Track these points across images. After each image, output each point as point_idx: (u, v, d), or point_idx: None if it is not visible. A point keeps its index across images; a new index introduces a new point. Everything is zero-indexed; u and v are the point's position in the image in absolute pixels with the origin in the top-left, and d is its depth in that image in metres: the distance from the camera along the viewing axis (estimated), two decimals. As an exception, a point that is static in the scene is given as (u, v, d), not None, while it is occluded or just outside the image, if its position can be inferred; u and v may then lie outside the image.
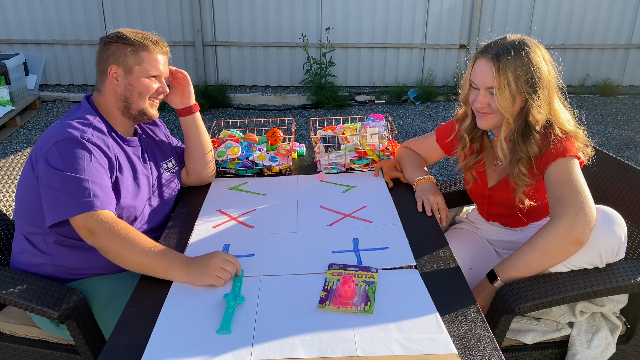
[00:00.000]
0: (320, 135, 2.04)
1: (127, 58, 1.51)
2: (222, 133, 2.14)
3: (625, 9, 5.88)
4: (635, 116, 5.25)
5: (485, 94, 1.45)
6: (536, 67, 1.40)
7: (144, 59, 1.52)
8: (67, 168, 1.36)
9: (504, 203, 1.62)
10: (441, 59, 6.05)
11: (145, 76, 1.53)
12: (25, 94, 5.20)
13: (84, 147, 1.39)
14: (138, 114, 1.56)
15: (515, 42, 1.42)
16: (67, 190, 1.34)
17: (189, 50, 5.84)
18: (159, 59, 1.56)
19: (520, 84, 1.39)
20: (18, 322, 1.55)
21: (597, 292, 1.34)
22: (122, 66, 1.52)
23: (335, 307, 1.18)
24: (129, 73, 1.52)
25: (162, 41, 1.59)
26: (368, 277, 1.27)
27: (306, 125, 4.86)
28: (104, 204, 1.36)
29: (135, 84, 1.53)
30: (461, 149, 1.66)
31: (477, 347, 1.07)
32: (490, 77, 1.41)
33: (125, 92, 1.53)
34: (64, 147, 1.38)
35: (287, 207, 1.69)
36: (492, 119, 1.48)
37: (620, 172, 1.73)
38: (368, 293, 1.22)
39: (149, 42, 1.53)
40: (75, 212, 1.33)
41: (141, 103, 1.55)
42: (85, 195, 1.34)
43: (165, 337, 1.11)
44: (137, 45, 1.51)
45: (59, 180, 1.35)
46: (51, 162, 1.37)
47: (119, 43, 1.51)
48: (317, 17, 5.80)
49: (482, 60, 1.43)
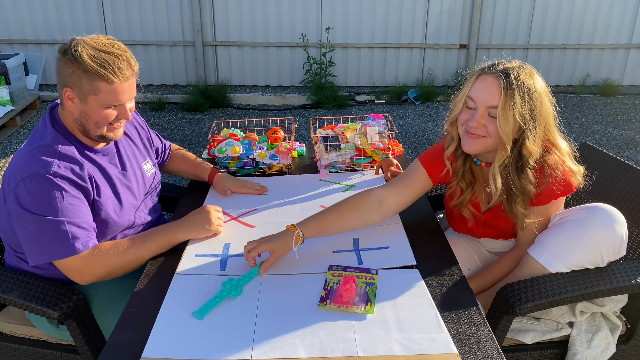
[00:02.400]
0: (320, 134, 2.04)
1: (82, 85, 1.31)
2: (223, 132, 2.14)
3: (625, 9, 5.88)
4: (635, 116, 5.25)
5: (483, 115, 1.33)
6: (539, 97, 1.32)
7: (101, 90, 1.32)
8: (40, 210, 1.29)
9: (500, 226, 1.57)
10: (441, 59, 6.04)
11: (103, 107, 1.35)
12: (25, 94, 5.20)
13: (52, 183, 1.30)
14: (98, 138, 1.43)
15: (523, 67, 1.34)
16: (44, 235, 1.30)
17: (189, 50, 5.84)
18: (121, 89, 1.35)
19: (525, 110, 1.30)
20: (18, 322, 1.54)
21: (597, 293, 1.34)
22: (76, 92, 1.33)
23: (336, 306, 1.18)
24: (84, 101, 1.34)
25: (129, 62, 1.35)
26: (368, 279, 1.27)
27: (306, 125, 4.86)
28: (86, 243, 1.34)
29: (91, 114, 1.36)
30: (457, 183, 1.51)
31: (477, 346, 1.06)
32: (496, 95, 1.30)
33: (80, 118, 1.37)
34: (31, 186, 1.29)
35: (287, 207, 1.69)
36: (482, 142, 1.36)
37: (620, 172, 1.73)
38: (369, 294, 1.22)
39: (109, 71, 1.30)
40: (58, 257, 1.32)
41: (99, 131, 1.40)
42: (64, 239, 1.30)
43: (165, 337, 1.11)
44: (94, 75, 1.29)
45: (33, 223, 1.30)
46: (22, 203, 1.30)
47: (74, 66, 1.30)
48: (317, 17, 5.80)
49: (488, 77, 1.33)
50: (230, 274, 1.33)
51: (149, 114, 5.16)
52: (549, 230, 1.43)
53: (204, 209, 1.51)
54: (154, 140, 1.79)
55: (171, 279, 1.31)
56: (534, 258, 1.41)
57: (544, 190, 1.38)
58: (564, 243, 1.37)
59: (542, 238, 1.43)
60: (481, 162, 1.48)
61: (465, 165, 1.49)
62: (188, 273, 1.34)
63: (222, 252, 1.43)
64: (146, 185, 1.63)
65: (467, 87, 1.38)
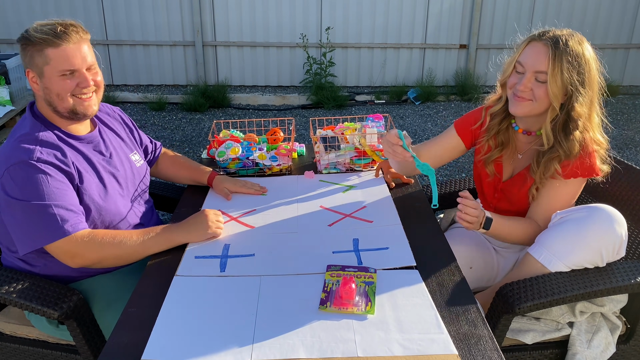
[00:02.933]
0: (320, 135, 2.04)
1: (34, 59, 1.36)
2: (222, 133, 2.14)
3: (625, 9, 5.88)
4: (635, 116, 5.25)
5: (530, 79, 1.42)
6: (587, 64, 1.41)
7: (51, 57, 1.34)
8: (26, 196, 1.30)
9: (513, 198, 1.61)
10: (441, 59, 6.04)
11: (58, 74, 1.37)
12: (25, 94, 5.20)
13: (36, 169, 1.32)
14: (69, 114, 1.42)
15: (573, 35, 1.43)
16: (33, 220, 1.31)
17: (189, 50, 5.84)
18: (70, 51, 1.36)
19: (572, 75, 1.38)
20: (18, 322, 1.54)
21: (597, 292, 1.34)
22: (35, 69, 1.37)
23: (337, 308, 1.18)
24: (42, 76, 1.37)
25: (72, 28, 1.37)
26: (367, 278, 1.27)
27: (306, 125, 4.86)
28: (75, 225, 1.34)
29: (51, 86, 1.37)
30: (486, 140, 1.62)
31: (477, 347, 1.07)
32: (544, 61, 1.39)
33: (45, 96, 1.40)
34: (16, 173, 1.31)
35: (287, 207, 1.69)
36: (528, 105, 1.45)
37: (620, 172, 1.73)
38: (368, 293, 1.22)
39: (51, 35, 1.33)
40: (48, 241, 1.32)
41: (64, 103, 1.40)
42: (53, 222, 1.31)
43: (165, 337, 1.11)
44: (40, 44, 1.34)
45: (20, 210, 1.31)
46: (8, 191, 1.31)
47: (25, 45, 1.36)
48: (317, 17, 5.80)
49: (537, 43, 1.41)
50: (231, 274, 1.33)
51: (149, 114, 5.16)
52: (548, 230, 1.44)
53: (202, 213, 1.51)
54: (143, 138, 1.80)
55: (171, 279, 1.31)
56: (534, 257, 1.42)
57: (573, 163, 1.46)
58: (563, 242, 1.37)
59: (542, 237, 1.43)
60: (519, 129, 1.57)
61: (502, 125, 1.59)
62: (188, 275, 1.34)
63: (221, 253, 1.43)
64: (135, 174, 1.63)
65: (518, 52, 1.47)
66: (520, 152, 1.61)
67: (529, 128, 1.56)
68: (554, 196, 1.51)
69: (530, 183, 1.54)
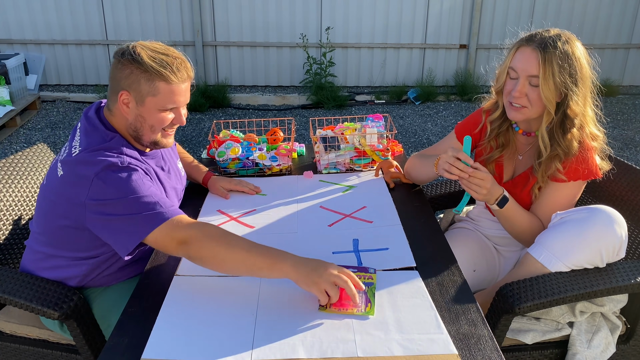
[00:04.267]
0: (320, 135, 2.04)
1: (140, 86, 1.31)
2: (222, 133, 2.14)
3: (625, 9, 5.88)
4: (635, 116, 5.25)
5: (524, 83, 1.43)
6: (578, 61, 1.42)
7: (160, 91, 1.31)
8: (122, 194, 1.25)
9: (515, 199, 1.60)
10: (441, 59, 6.05)
11: (160, 109, 1.34)
12: (25, 94, 5.20)
13: (127, 169, 1.29)
14: (150, 144, 1.41)
15: (560, 36, 1.43)
16: (132, 212, 1.24)
17: (189, 50, 5.84)
18: (179, 90, 1.34)
19: (564, 76, 1.39)
20: (18, 321, 1.55)
21: (597, 292, 1.34)
22: (134, 94, 1.32)
23: (336, 309, 1.18)
24: (141, 103, 1.33)
25: (186, 65, 1.35)
26: (367, 279, 1.27)
27: (306, 125, 4.86)
28: (174, 210, 1.28)
29: (147, 117, 1.35)
30: (487, 141, 1.64)
31: (477, 347, 1.07)
32: (534, 65, 1.40)
33: (135, 122, 1.36)
34: (107, 176, 1.26)
35: (287, 207, 1.69)
36: (525, 112, 1.46)
37: (620, 172, 1.73)
38: (368, 294, 1.22)
39: (169, 71, 1.30)
40: (151, 228, 1.24)
41: (153, 136, 1.38)
42: (152, 209, 1.25)
43: (165, 338, 1.11)
44: (154, 74, 1.30)
45: (120, 206, 1.25)
46: (102, 196, 1.25)
47: (133, 66, 1.30)
48: (317, 17, 5.80)
49: (526, 48, 1.42)
50: (230, 274, 1.33)
51: (149, 114, 5.16)
52: (549, 230, 1.44)
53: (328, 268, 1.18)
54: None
55: (171, 279, 1.31)
56: (534, 257, 1.42)
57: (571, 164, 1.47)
58: (564, 242, 1.38)
59: (542, 237, 1.43)
60: (519, 129, 1.58)
61: (502, 127, 1.60)
62: (188, 274, 1.34)
63: (222, 253, 1.43)
64: (182, 184, 1.63)
65: (508, 58, 1.48)
66: (521, 152, 1.62)
67: (528, 129, 1.57)
68: (555, 198, 1.51)
69: (532, 183, 1.54)
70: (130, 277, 1.53)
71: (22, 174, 1.81)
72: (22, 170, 1.81)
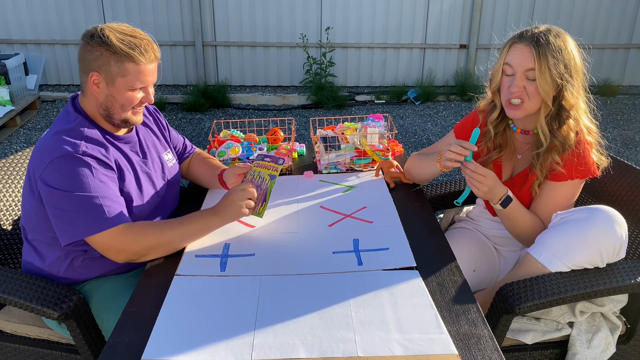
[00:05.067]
0: (320, 135, 2.04)
1: (110, 67, 1.36)
2: (222, 133, 2.14)
3: (625, 9, 5.88)
4: (635, 116, 5.25)
5: (522, 78, 1.45)
6: (571, 53, 1.45)
7: (129, 71, 1.37)
8: (71, 187, 1.31)
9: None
10: (441, 59, 6.05)
11: (130, 89, 1.40)
12: (25, 94, 5.20)
13: (81, 162, 1.34)
14: (120, 122, 1.46)
15: (550, 30, 1.46)
16: (78, 210, 1.31)
17: (189, 50, 5.84)
18: (147, 70, 1.40)
19: (559, 68, 1.42)
20: (19, 321, 1.55)
21: (597, 292, 1.34)
22: (104, 75, 1.37)
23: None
24: (112, 84, 1.38)
25: (152, 46, 1.41)
26: (272, 170, 1.26)
27: (306, 125, 4.86)
28: (121, 217, 1.35)
29: (117, 96, 1.40)
30: (485, 142, 1.64)
31: (477, 347, 1.07)
32: (530, 59, 1.42)
33: (106, 101, 1.41)
34: (61, 165, 1.32)
35: (287, 207, 1.69)
36: (524, 109, 1.47)
37: (620, 172, 1.73)
38: (267, 191, 1.21)
39: (137, 52, 1.36)
40: (93, 231, 1.32)
41: (123, 114, 1.44)
42: (99, 213, 1.31)
43: (165, 338, 1.11)
44: (123, 55, 1.35)
45: (67, 200, 1.31)
46: (52, 183, 1.32)
47: (103, 49, 1.35)
48: (317, 17, 5.80)
49: (519, 45, 1.45)
50: (231, 274, 1.33)
51: (149, 114, 5.17)
52: (549, 230, 1.44)
53: (231, 194, 1.44)
54: (172, 138, 1.77)
55: (171, 279, 1.31)
56: (534, 257, 1.42)
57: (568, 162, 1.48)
58: (564, 242, 1.38)
59: (542, 237, 1.43)
60: (517, 129, 1.59)
61: (499, 128, 1.61)
62: (188, 274, 1.34)
63: (222, 252, 1.43)
64: (166, 174, 1.63)
65: (502, 56, 1.49)
66: (519, 152, 1.62)
67: (526, 127, 1.58)
68: (554, 197, 1.52)
69: (531, 181, 1.54)
70: (126, 272, 1.53)
71: (22, 174, 1.81)
72: (22, 170, 1.82)
